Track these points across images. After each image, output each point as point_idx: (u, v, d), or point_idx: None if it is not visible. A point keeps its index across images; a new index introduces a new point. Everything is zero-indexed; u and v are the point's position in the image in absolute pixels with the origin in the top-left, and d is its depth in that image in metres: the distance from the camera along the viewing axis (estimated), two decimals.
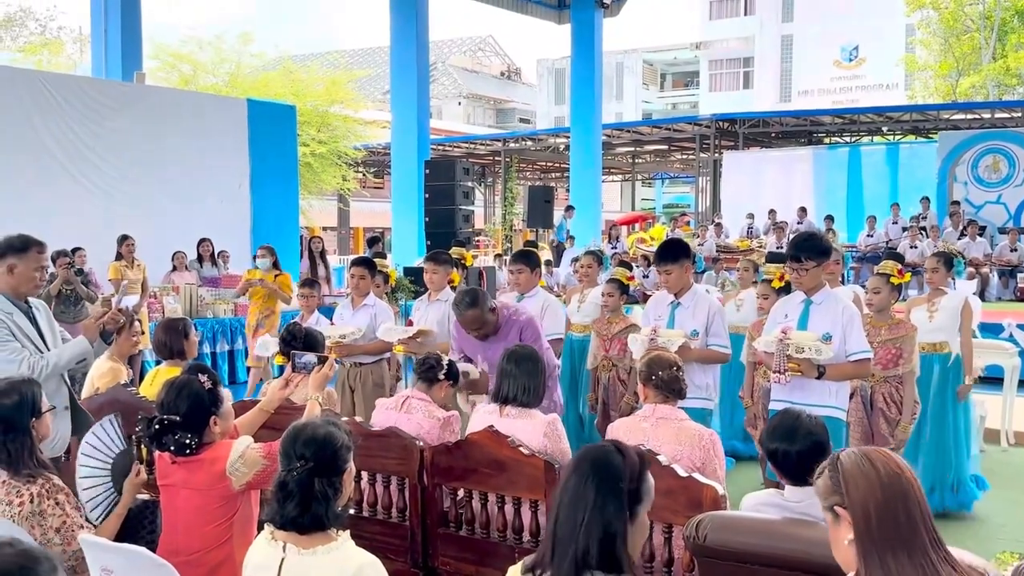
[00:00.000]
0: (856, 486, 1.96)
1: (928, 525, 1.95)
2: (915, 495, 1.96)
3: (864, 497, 1.95)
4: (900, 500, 1.94)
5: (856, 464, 1.98)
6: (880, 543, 1.92)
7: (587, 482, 2.12)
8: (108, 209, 12.37)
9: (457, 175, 13.43)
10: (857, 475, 1.97)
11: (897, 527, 1.92)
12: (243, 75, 24.67)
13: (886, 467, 1.97)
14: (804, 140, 27.31)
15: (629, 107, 50.87)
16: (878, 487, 1.94)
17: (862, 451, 2.03)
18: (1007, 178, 18.37)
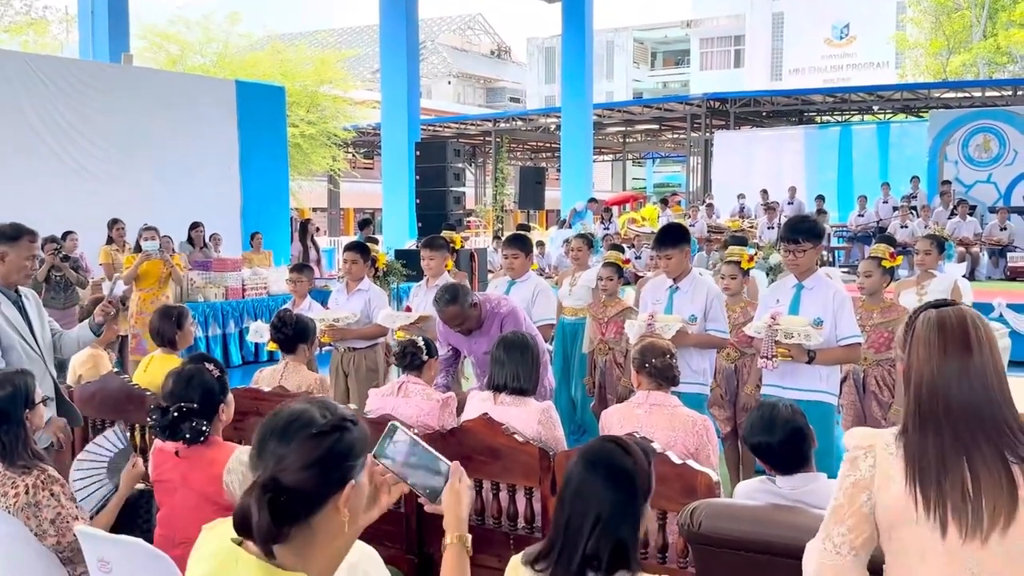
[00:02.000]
0: (917, 355, 1.99)
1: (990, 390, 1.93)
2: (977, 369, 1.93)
3: (922, 365, 1.97)
4: (958, 373, 1.93)
5: (928, 329, 1.99)
6: (926, 406, 1.95)
7: (601, 485, 2.13)
8: (97, 192, 12.31)
9: (448, 157, 13.41)
10: (921, 343, 1.99)
11: (946, 397, 1.93)
12: (231, 55, 24.52)
13: (955, 338, 1.96)
14: (795, 119, 27.29)
15: (620, 86, 50.72)
16: (937, 363, 1.95)
17: (939, 318, 2.00)
18: (997, 157, 18.40)
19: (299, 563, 1.58)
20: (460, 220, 13.67)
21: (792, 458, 3.00)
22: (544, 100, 47.72)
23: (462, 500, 1.98)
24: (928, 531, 1.89)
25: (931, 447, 1.91)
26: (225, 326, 10.74)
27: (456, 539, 1.98)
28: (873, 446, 1.97)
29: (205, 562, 1.65)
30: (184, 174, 13.44)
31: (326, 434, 1.61)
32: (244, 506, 1.53)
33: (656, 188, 42.53)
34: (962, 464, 1.88)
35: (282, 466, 1.56)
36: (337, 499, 1.60)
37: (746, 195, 20.68)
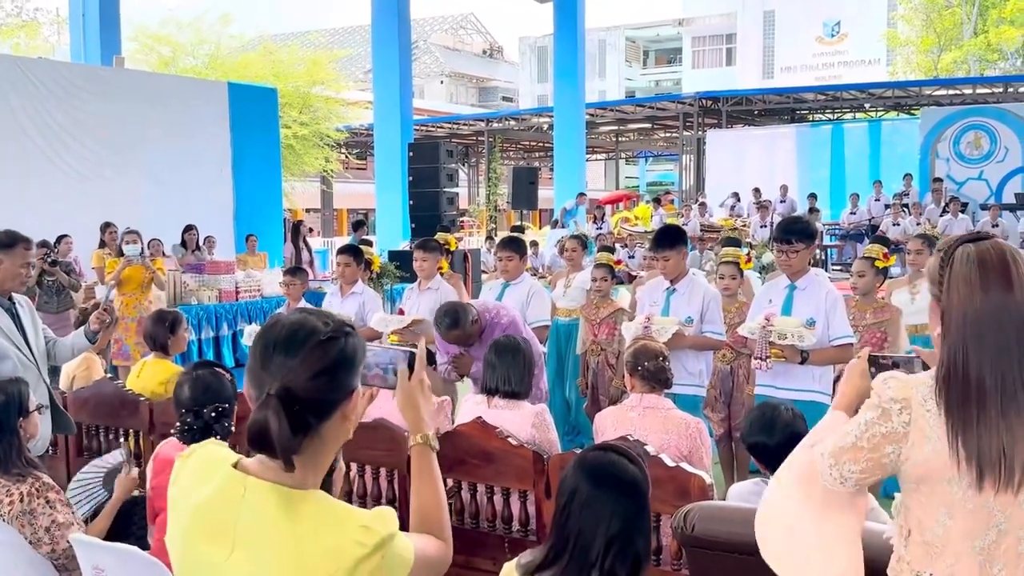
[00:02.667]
0: (957, 293, 1.90)
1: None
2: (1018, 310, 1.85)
3: (964, 304, 1.88)
4: (998, 313, 1.85)
5: (967, 265, 1.90)
6: (965, 347, 1.86)
7: (612, 500, 2.14)
8: (89, 195, 12.29)
9: (441, 157, 13.40)
10: (960, 279, 1.90)
11: (987, 339, 1.85)
12: (223, 56, 24.46)
13: (996, 275, 1.87)
14: (787, 117, 27.35)
15: (612, 85, 50.73)
16: (984, 295, 1.86)
17: (980, 254, 1.91)
18: (989, 154, 18.48)
19: (309, 476, 1.60)
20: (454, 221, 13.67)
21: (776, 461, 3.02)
22: (537, 99, 47.73)
23: (416, 398, 1.91)
24: (963, 488, 1.85)
25: (974, 400, 1.83)
26: (218, 329, 10.72)
27: (419, 439, 1.90)
28: (909, 400, 1.90)
29: (196, 489, 1.62)
30: (176, 176, 13.42)
31: (333, 340, 1.61)
32: (260, 420, 1.52)
33: (649, 187, 42.56)
34: (999, 414, 1.82)
35: (292, 376, 1.55)
36: (344, 407, 1.62)
37: (739, 194, 20.72)
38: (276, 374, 1.56)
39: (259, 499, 1.55)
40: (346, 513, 1.57)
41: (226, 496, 1.58)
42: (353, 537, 1.53)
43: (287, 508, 1.54)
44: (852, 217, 18.14)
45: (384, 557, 1.55)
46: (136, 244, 8.79)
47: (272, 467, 1.57)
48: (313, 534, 1.53)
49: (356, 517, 1.56)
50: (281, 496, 1.55)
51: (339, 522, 1.55)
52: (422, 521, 1.81)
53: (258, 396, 1.56)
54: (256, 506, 1.55)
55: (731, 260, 6.00)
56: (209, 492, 1.60)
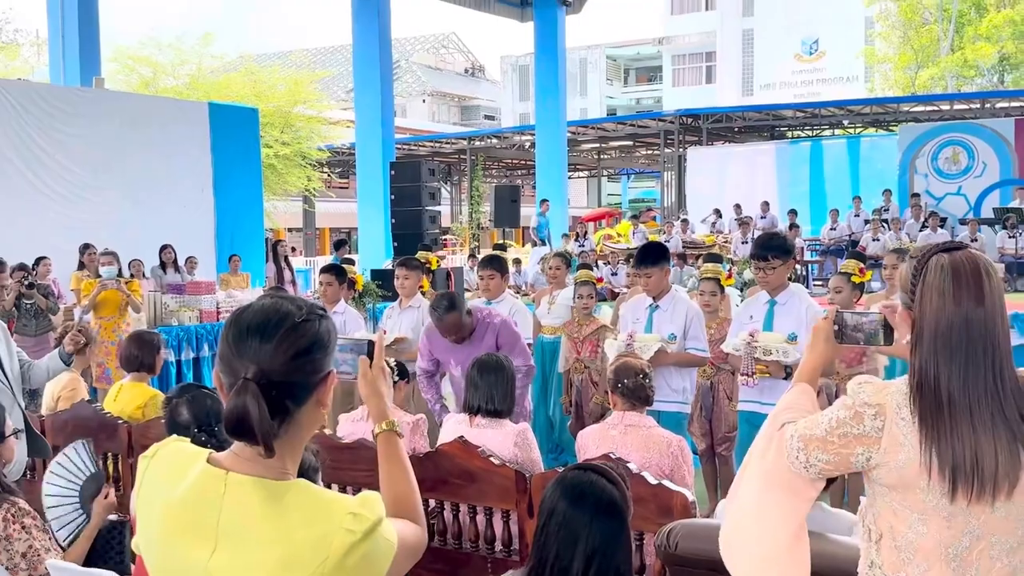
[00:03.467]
0: (931, 299, 1.89)
1: (996, 349, 1.85)
2: (989, 321, 1.86)
3: (937, 313, 1.87)
4: (969, 323, 1.85)
5: (940, 274, 1.89)
6: (936, 357, 1.86)
7: (591, 519, 2.13)
8: (68, 217, 12.22)
9: (423, 176, 13.42)
10: (932, 288, 1.89)
11: (958, 349, 1.85)
12: (204, 76, 24.44)
13: (969, 285, 1.87)
14: (767, 134, 27.56)
15: (593, 103, 50.98)
16: (958, 305, 1.86)
17: (952, 262, 1.90)
18: (967, 169, 18.65)
19: (288, 463, 1.58)
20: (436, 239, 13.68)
21: None
22: (519, 117, 47.88)
23: (378, 385, 1.91)
24: (936, 496, 1.85)
25: (946, 411, 1.83)
26: (199, 350, 10.64)
27: (385, 425, 1.89)
28: (883, 406, 1.88)
29: (168, 488, 1.58)
30: (157, 197, 13.37)
31: (307, 322, 1.60)
32: (239, 406, 1.50)
33: (631, 204, 42.73)
34: (970, 425, 1.82)
35: (268, 360, 1.54)
36: (319, 392, 1.61)
37: (720, 210, 20.82)
38: (251, 359, 1.54)
39: (242, 495, 1.53)
40: (333, 501, 1.56)
41: (204, 493, 1.55)
42: (342, 525, 1.51)
43: (272, 501, 1.52)
44: (832, 233, 18.25)
45: (372, 543, 1.53)
46: (113, 266, 8.73)
47: (249, 459, 1.55)
48: (301, 525, 1.51)
49: (343, 504, 1.54)
50: (265, 489, 1.53)
51: (327, 510, 1.53)
52: (396, 507, 1.79)
53: (232, 383, 1.54)
54: (239, 502, 1.52)
55: (711, 276, 6.03)
56: (185, 490, 1.56)
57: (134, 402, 4.65)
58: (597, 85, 52.31)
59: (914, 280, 1.94)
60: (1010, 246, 15.34)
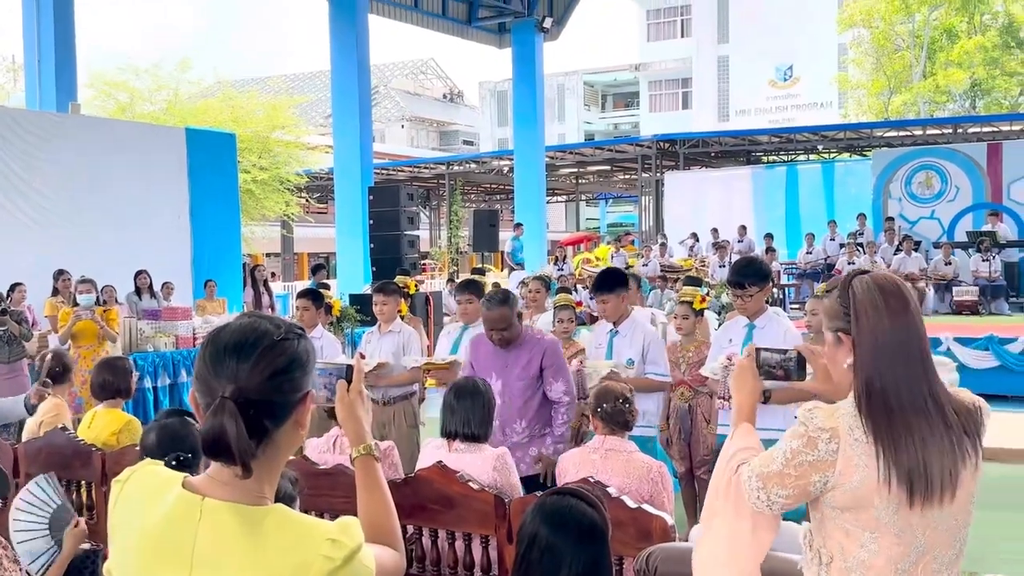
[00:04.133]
0: (867, 316, 1.99)
1: (927, 357, 1.99)
2: (917, 330, 1.99)
3: (873, 328, 1.98)
4: (907, 332, 1.98)
5: (868, 293, 2.01)
6: (880, 370, 1.96)
7: (573, 545, 2.13)
8: (44, 242, 12.10)
9: (401, 201, 13.41)
10: (867, 305, 2.00)
11: (898, 358, 1.96)
12: (181, 102, 24.39)
13: (899, 299, 2.00)
14: (743, 159, 27.79)
15: (571, 128, 51.27)
16: (889, 318, 1.98)
17: (875, 281, 2.04)
18: (940, 194, 18.84)
19: (266, 487, 1.56)
20: (415, 264, 13.65)
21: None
22: (497, 142, 48.06)
23: (356, 409, 1.90)
24: (890, 511, 1.93)
25: (897, 420, 1.93)
26: (176, 376, 10.56)
27: (362, 450, 1.88)
28: (836, 429, 1.96)
29: (143, 513, 1.56)
30: (134, 223, 13.28)
31: (285, 341, 1.58)
32: (216, 426, 1.48)
33: (610, 228, 42.91)
34: (920, 431, 1.92)
35: (246, 379, 1.52)
36: (298, 412, 1.59)
37: (698, 234, 20.94)
38: (228, 378, 1.52)
39: (218, 520, 1.50)
40: (311, 526, 1.53)
41: (180, 518, 1.52)
42: (321, 552, 1.49)
43: (249, 527, 1.50)
44: (808, 256, 18.38)
45: (351, 570, 1.51)
46: (90, 294, 8.66)
47: (226, 483, 1.53)
48: (279, 552, 1.48)
49: (323, 530, 1.52)
50: (242, 515, 1.51)
51: (306, 537, 1.51)
52: (374, 532, 1.77)
53: (209, 403, 1.52)
54: (215, 528, 1.50)
55: (686, 300, 6.04)
56: (160, 515, 1.54)
57: (108, 428, 4.60)
58: (575, 111, 52.63)
59: (845, 305, 2.05)
60: (984, 269, 15.49)
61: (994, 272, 15.48)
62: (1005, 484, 7.20)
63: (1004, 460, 7.85)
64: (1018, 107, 32.02)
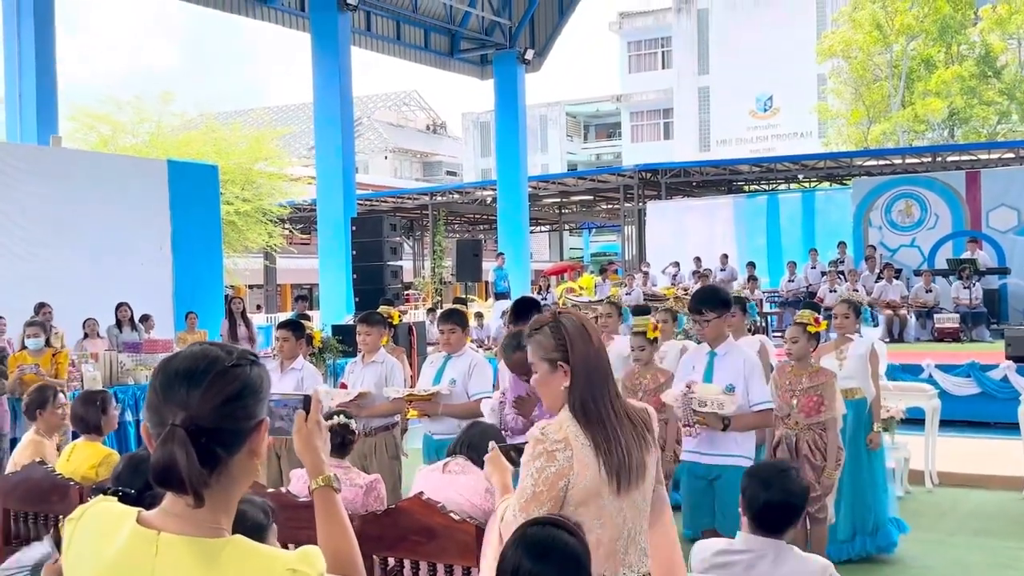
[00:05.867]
0: (578, 346, 2.49)
1: (612, 376, 2.55)
2: (606, 355, 2.56)
3: (584, 355, 2.49)
4: (602, 358, 2.53)
5: (577, 328, 2.53)
6: (590, 389, 2.46)
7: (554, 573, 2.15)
8: (25, 275, 12.03)
9: (384, 231, 13.43)
10: (577, 337, 2.50)
11: (598, 378, 2.49)
12: (164, 135, 24.37)
13: (593, 332, 2.56)
14: (724, 188, 27.98)
15: (554, 158, 51.54)
16: (592, 347, 2.51)
17: (577, 319, 2.58)
18: (920, 222, 18.98)
19: (222, 518, 1.53)
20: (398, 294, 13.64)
21: (769, 520, 2.97)
22: (480, 173, 48.23)
23: (314, 440, 1.89)
24: (610, 499, 2.40)
25: (606, 426, 2.42)
26: None
27: (321, 481, 1.87)
28: (567, 439, 2.40)
29: (98, 551, 1.52)
30: (115, 255, 13.24)
31: (237, 367, 1.55)
32: (166, 455, 1.45)
33: (593, 257, 43.02)
34: (618, 431, 2.42)
35: (197, 407, 1.49)
36: (252, 440, 1.56)
37: (680, 263, 21.01)
38: (179, 405, 1.50)
39: (174, 557, 1.47)
40: (271, 557, 1.50)
41: (135, 556, 1.48)
42: None
43: (207, 561, 1.46)
44: (790, 284, 18.46)
45: None
46: (39, 338, 8.51)
47: (179, 516, 1.50)
48: None
49: (283, 561, 1.49)
50: (199, 549, 1.47)
51: (266, 569, 1.48)
52: (335, 562, 1.76)
53: (159, 432, 1.49)
54: (172, 563, 1.47)
55: (640, 330, 6.04)
56: (115, 552, 1.50)
57: (88, 462, 4.55)
58: (557, 141, 52.94)
59: (559, 338, 2.52)
60: (964, 296, 15.61)
61: (975, 299, 15.59)
62: (990, 511, 7.22)
63: (988, 487, 7.88)
64: (996, 136, 32.40)
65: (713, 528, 4.78)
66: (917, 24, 32.61)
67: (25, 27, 14.13)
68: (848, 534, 5.93)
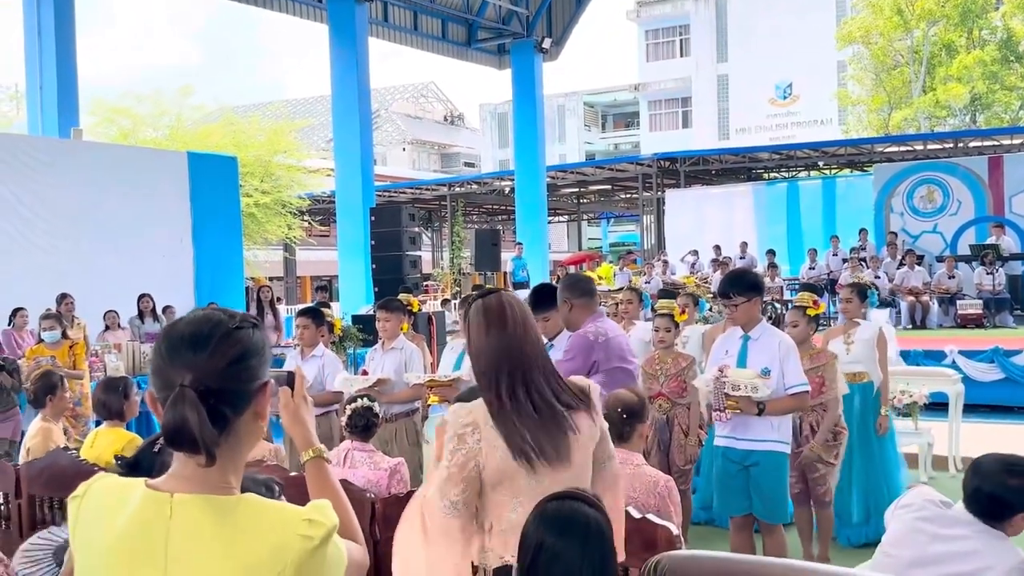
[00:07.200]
0: (473, 331, 2.54)
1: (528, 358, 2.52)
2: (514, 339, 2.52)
3: (478, 339, 2.53)
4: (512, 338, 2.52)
5: (477, 312, 2.56)
6: (495, 372, 2.50)
7: (580, 548, 2.10)
8: (47, 267, 12.14)
9: (403, 221, 13.44)
10: (474, 322, 2.55)
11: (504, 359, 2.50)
12: (183, 128, 24.49)
13: (507, 312, 2.54)
14: (743, 176, 27.80)
15: (572, 148, 51.39)
16: (496, 330, 2.52)
17: (484, 304, 2.56)
18: (942, 208, 18.83)
19: (231, 477, 1.56)
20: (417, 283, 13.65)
21: (986, 508, 2.97)
22: (498, 164, 48.17)
23: (300, 415, 1.92)
24: (524, 478, 2.43)
25: (511, 409, 2.44)
26: None
27: (312, 453, 1.89)
28: (476, 422, 2.46)
29: (109, 522, 1.54)
30: (136, 246, 13.32)
31: (240, 330, 1.60)
32: (177, 416, 1.48)
33: (612, 247, 42.90)
34: (522, 414, 2.43)
35: (204, 368, 1.53)
36: (257, 402, 1.60)
37: (699, 251, 20.93)
38: (186, 367, 1.53)
39: (190, 515, 1.50)
40: (285, 509, 1.54)
41: (149, 519, 1.51)
42: (298, 532, 1.48)
43: (222, 516, 1.49)
44: (811, 272, 18.35)
45: (330, 548, 1.51)
46: (55, 330, 8.49)
47: (190, 478, 1.52)
48: (255, 537, 1.48)
49: (297, 511, 1.53)
50: (214, 506, 1.50)
51: (281, 519, 1.51)
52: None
53: (167, 395, 1.52)
54: (188, 523, 1.49)
55: (665, 312, 6.00)
56: (126, 520, 1.52)
57: (111, 447, 4.57)
58: (575, 131, 52.79)
59: (464, 320, 2.62)
60: (987, 282, 15.47)
61: (998, 285, 15.45)
62: None
63: None
64: (1018, 120, 32.05)
65: (748, 513, 4.76)
66: (938, 9, 32.28)
67: (45, 20, 14.22)
68: (862, 517, 5.91)
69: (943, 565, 2.94)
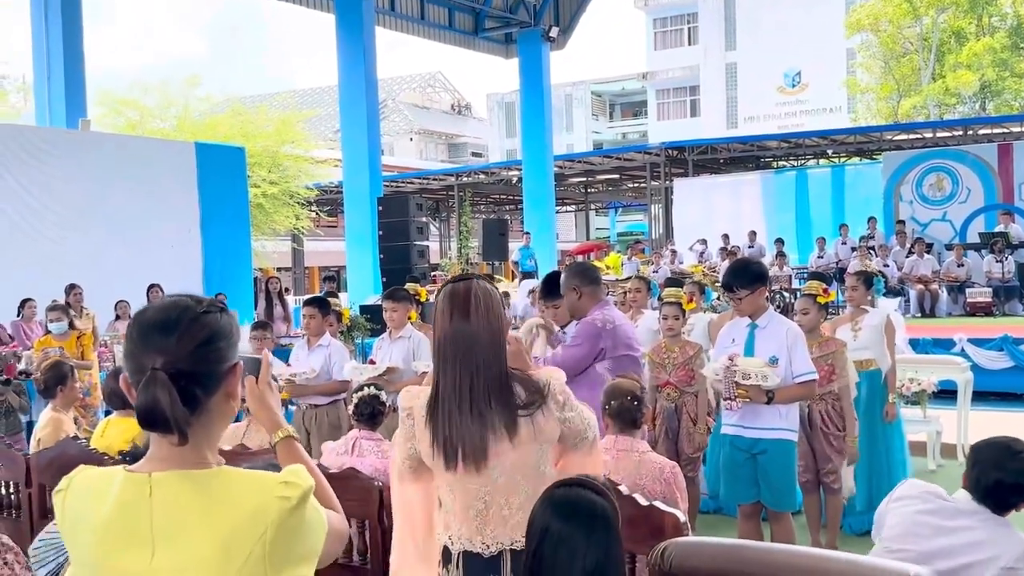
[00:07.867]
0: (438, 321, 2.50)
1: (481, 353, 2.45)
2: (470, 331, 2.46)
3: (440, 328, 2.49)
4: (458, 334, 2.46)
5: (441, 300, 2.53)
6: (441, 363, 2.50)
7: (585, 535, 2.10)
8: (55, 258, 12.18)
9: (411, 211, 13.45)
10: (438, 310, 2.51)
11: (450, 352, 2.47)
12: (191, 119, 24.50)
13: (459, 305, 2.48)
14: (752, 165, 27.70)
15: (579, 138, 51.30)
16: (453, 321, 2.47)
17: (450, 291, 2.51)
18: (951, 195, 18.76)
19: (206, 452, 1.62)
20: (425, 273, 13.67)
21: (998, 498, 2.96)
22: (506, 154, 48.09)
23: (267, 399, 1.98)
24: (447, 472, 2.48)
25: (447, 401, 2.45)
26: None
27: (281, 435, 1.95)
28: (412, 408, 2.56)
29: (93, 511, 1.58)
30: (144, 237, 13.36)
31: (207, 314, 1.66)
32: (150, 397, 1.54)
33: (620, 237, 42.83)
34: (458, 412, 2.43)
35: (174, 351, 1.59)
36: (228, 383, 1.66)
37: (707, 240, 20.89)
38: (157, 351, 1.58)
39: (170, 490, 1.55)
40: (262, 475, 1.59)
41: (131, 500, 1.56)
42: (275, 494, 1.54)
43: (201, 488, 1.55)
44: (820, 260, 18.31)
45: (308, 509, 1.57)
46: (62, 321, 8.49)
47: (166, 458, 1.58)
48: (234, 504, 1.53)
49: (273, 477, 1.59)
50: (191, 480, 1.56)
51: (258, 484, 1.56)
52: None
53: (139, 379, 1.57)
54: (169, 498, 1.54)
55: (673, 301, 5.99)
56: (111, 505, 1.57)
57: (122, 436, 4.60)
58: (583, 120, 52.68)
59: (434, 306, 2.58)
60: (997, 270, 15.41)
61: (1007, 273, 15.39)
62: None
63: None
64: None
65: (756, 501, 4.76)
66: None
67: (52, 11, 14.23)
68: (866, 505, 5.89)
69: (950, 558, 2.93)
